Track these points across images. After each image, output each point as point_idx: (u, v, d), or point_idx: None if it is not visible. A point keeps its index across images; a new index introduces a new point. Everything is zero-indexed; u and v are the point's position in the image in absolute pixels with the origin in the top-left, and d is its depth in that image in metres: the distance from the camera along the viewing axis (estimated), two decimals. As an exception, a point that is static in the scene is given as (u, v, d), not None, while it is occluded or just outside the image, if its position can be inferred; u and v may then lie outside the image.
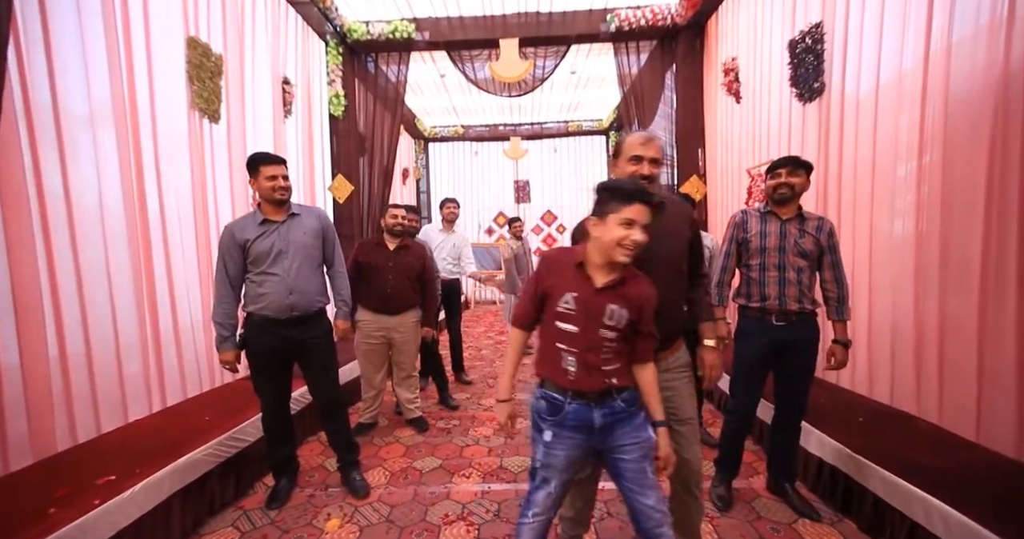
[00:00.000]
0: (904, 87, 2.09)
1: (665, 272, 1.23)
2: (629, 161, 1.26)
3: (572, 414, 1.13)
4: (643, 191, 1.09)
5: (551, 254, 1.24)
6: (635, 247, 1.07)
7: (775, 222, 1.72)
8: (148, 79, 2.28)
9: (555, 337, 1.15)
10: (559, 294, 1.14)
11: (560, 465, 1.15)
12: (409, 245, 2.46)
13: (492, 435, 2.44)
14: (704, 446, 2.19)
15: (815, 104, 2.79)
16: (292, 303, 1.75)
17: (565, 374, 1.13)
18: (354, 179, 4.66)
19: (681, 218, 1.32)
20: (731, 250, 1.83)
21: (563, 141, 7.96)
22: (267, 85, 3.44)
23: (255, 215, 1.79)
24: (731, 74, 3.80)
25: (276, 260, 1.74)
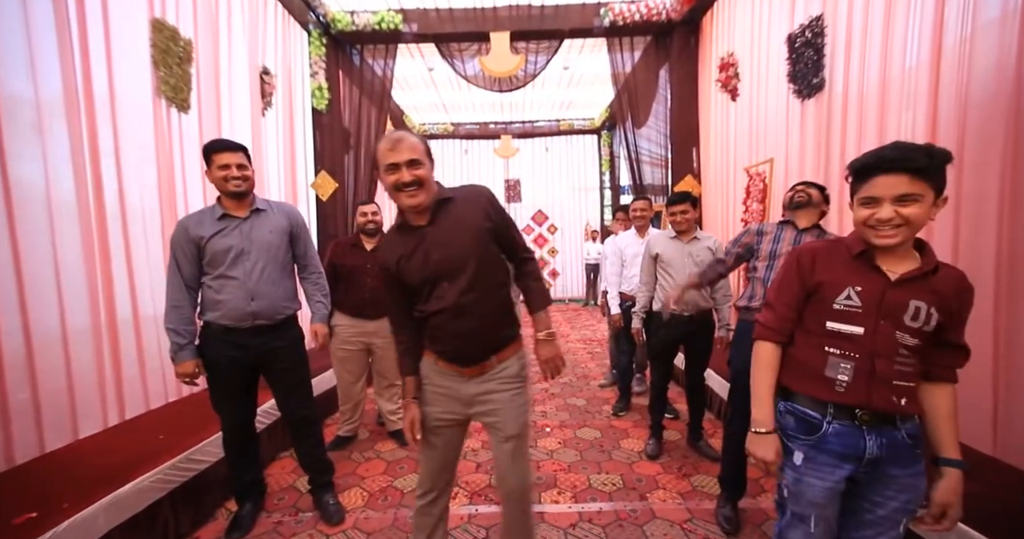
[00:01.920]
0: (913, 82, 1.99)
1: (471, 272, 1.13)
2: (387, 172, 1.11)
3: (835, 437, 0.93)
4: (886, 157, 0.89)
5: (810, 247, 1.04)
6: (884, 224, 0.89)
7: (791, 230, 1.65)
8: (106, 62, 2.10)
9: (822, 341, 0.96)
10: (834, 290, 0.95)
11: (819, 499, 0.95)
12: None
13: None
14: (707, 460, 2.11)
15: (814, 101, 2.70)
16: (255, 310, 1.56)
17: (830, 384, 0.93)
18: (339, 176, 4.48)
19: (472, 209, 1.18)
20: (732, 250, 1.76)
21: (555, 140, 7.86)
22: (244, 75, 3.25)
23: (213, 209, 1.59)
24: (728, 70, 3.70)
25: (236, 262, 1.54)
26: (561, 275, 8.07)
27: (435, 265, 1.13)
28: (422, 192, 1.11)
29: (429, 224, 1.15)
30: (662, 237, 2.23)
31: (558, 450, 2.27)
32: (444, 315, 1.14)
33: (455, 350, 1.17)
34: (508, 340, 1.22)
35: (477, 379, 1.19)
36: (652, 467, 2.08)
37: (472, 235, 1.15)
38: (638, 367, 3.18)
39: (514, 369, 1.22)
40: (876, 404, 0.92)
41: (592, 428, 2.53)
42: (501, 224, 1.21)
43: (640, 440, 2.36)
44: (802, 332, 1.01)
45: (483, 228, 1.16)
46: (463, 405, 1.21)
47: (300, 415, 1.75)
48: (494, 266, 1.19)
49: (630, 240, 2.76)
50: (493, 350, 1.19)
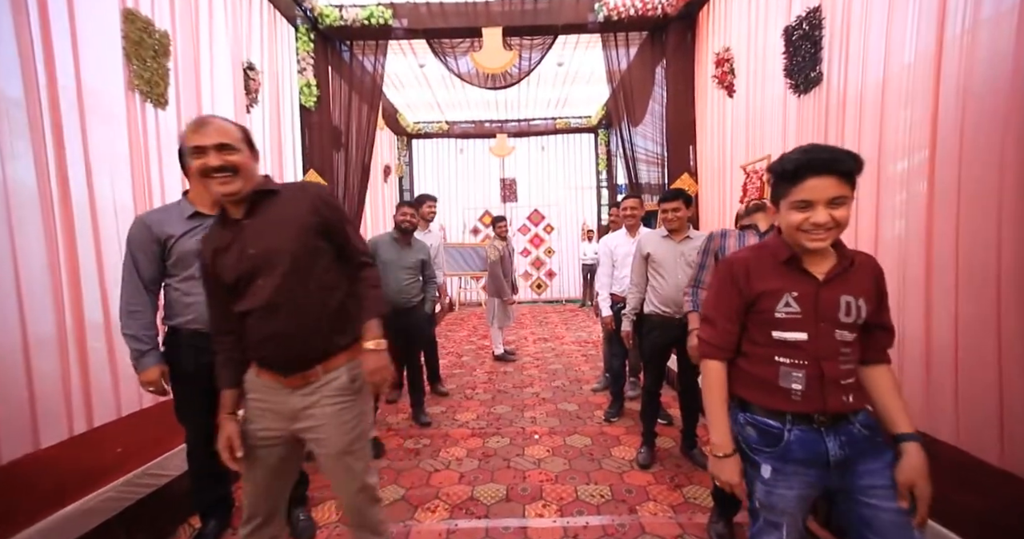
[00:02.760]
0: (914, 75, 1.91)
1: (286, 267, 1.05)
2: (192, 156, 1.02)
3: (797, 444, 0.92)
4: (819, 159, 0.87)
5: (739, 257, 1.02)
6: (819, 228, 0.87)
7: (752, 234, 1.62)
8: (72, 53, 2.01)
9: (770, 352, 0.95)
10: (773, 298, 0.94)
11: (791, 508, 0.94)
12: None
13: (465, 458, 2.20)
14: (700, 470, 2.01)
15: (812, 95, 2.63)
16: None
17: (787, 395, 0.92)
18: (328, 175, 4.39)
19: (298, 202, 1.10)
20: (706, 262, 1.71)
21: (551, 138, 7.79)
22: (226, 70, 3.16)
23: (180, 207, 1.48)
24: (724, 65, 3.63)
25: None
26: (558, 275, 7.98)
27: (251, 259, 1.05)
28: (238, 180, 1.03)
29: (247, 216, 1.07)
30: (653, 236, 2.14)
31: (546, 459, 2.18)
32: (257, 314, 1.06)
33: (271, 355, 1.08)
34: (337, 348, 1.13)
35: (302, 391, 1.10)
36: (643, 477, 1.99)
37: (293, 228, 1.07)
38: (632, 371, 3.09)
39: (342, 381, 1.12)
40: (832, 407, 0.91)
41: (583, 435, 2.44)
42: (334, 222, 1.13)
43: (632, 448, 2.27)
44: (749, 343, 0.99)
45: (307, 222, 1.08)
46: (287, 420, 1.11)
47: None
48: (318, 264, 1.10)
49: (620, 240, 2.68)
50: (318, 358, 1.10)
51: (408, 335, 2.62)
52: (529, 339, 4.99)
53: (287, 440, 1.14)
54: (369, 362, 1.11)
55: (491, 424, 2.62)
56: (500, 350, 4.08)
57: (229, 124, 1.05)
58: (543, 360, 4.08)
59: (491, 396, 3.11)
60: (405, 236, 2.61)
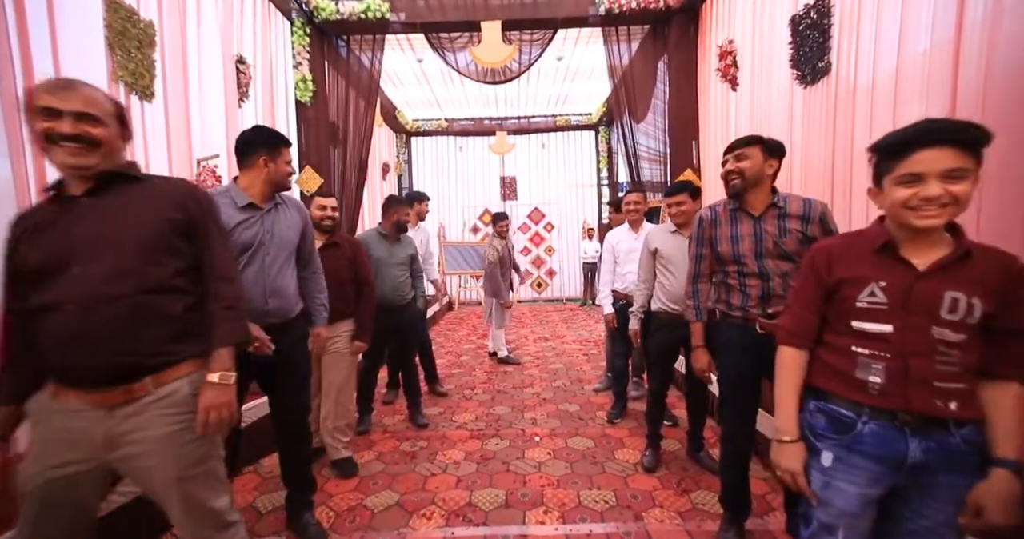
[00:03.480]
0: (930, 63, 1.82)
1: (122, 260, 0.91)
2: (40, 117, 0.89)
3: (871, 437, 0.86)
4: (931, 129, 0.79)
5: (823, 245, 0.99)
6: (930, 203, 0.79)
7: (747, 221, 1.43)
8: (51, 42, 1.92)
9: (848, 341, 0.91)
10: (856, 287, 0.89)
11: (851, 507, 0.87)
12: (339, 242, 2.07)
13: (463, 461, 2.12)
14: (708, 474, 1.93)
15: (819, 86, 2.55)
16: (271, 309, 1.45)
17: (863, 387, 0.87)
18: (325, 171, 4.32)
19: (162, 194, 1.00)
20: (701, 253, 1.55)
21: (551, 136, 7.71)
22: (216, 63, 3.08)
23: (231, 194, 1.42)
24: (727, 58, 3.54)
25: (255, 254, 1.42)
26: (558, 274, 7.90)
27: (73, 242, 0.90)
28: (94, 155, 0.92)
29: (88, 194, 0.94)
30: (661, 231, 2.06)
31: (547, 462, 2.10)
32: (64, 310, 0.88)
33: (76, 363, 0.90)
34: (177, 359, 0.98)
35: (121, 411, 0.92)
36: (649, 481, 1.91)
37: (146, 218, 0.95)
38: (635, 371, 3.01)
39: (183, 394, 0.97)
40: (917, 407, 0.82)
41: (585, 437, 2.36)
42: (201, 228, 1.02)
43: (636, 450, 2.19)
44: (829, 333, 0.95)
45: (167, 216, 0.98)
46: (97, 450, 0.92)
47: (301, 419, 1.61)
48: (166, 265, 0.97)
49: (623, 235, 2.60)
50: (147, 370, 0.94)
51: (401, 334, 2.54)
52: (529, 338, 4.91)
53: (93, 477, 0.95)
54: (206, 396, 0.98)
55: (490, 426, 2.54)
56: (504, 352, 3.92)
57: (100, 94, 0.97)
58: (544, 360, 4.00)
59: (490, 397, 3.03)
60: (396, 233, 2.53)
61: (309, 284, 1.68)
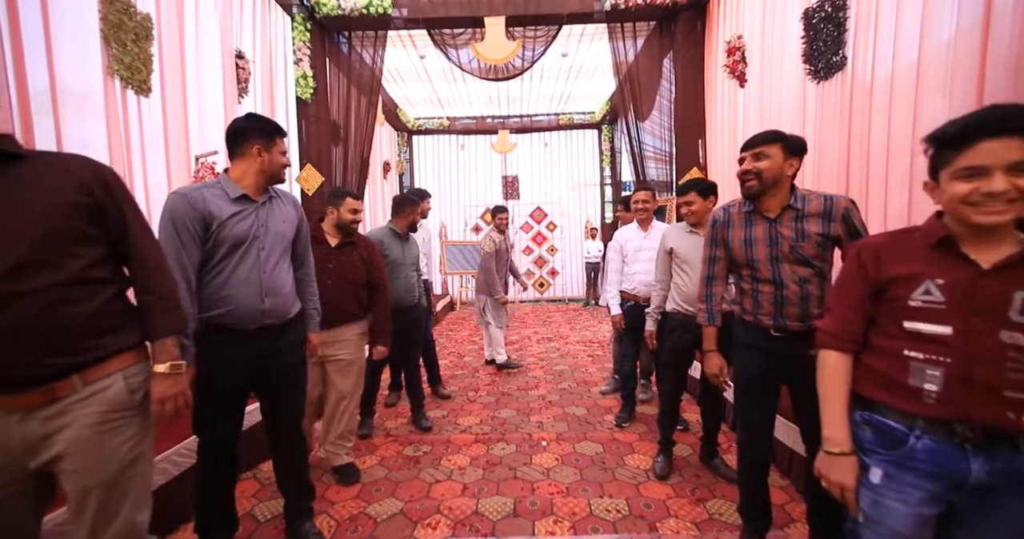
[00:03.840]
0: (955, 54, 1.75)
1: (19, 254, 0.82)
2: None
3: (925, 454, 0.79)
4: (996, 116, 0.73)
5: (869, 241, 0.93)
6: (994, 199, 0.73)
7: (761, 224, 1.34)
8: (44, 34, 1.87)
9: (899, 345, 0.83)
10: (909, 285, 0.83)
11: (904, 528, 0.81)
12: (355, 242, 1.99)
13: (468, 467, 2.05)
14: (723, 481, 1.86)
15: (833, 81, 2.48)
16: (267, 308, 1.36)
17: (917, 395, 0.80)
18: (325, 169, 4.26)
19: (59, 177, 0.88)
20: (715, 254, 1.47)
21: (554, 135, 7.66)
22: (215, 57, 3.02)
23: (223, 186, 1.34)
24: (735, 54, 3.48)
25: (249, 249, 1.33)
26: (560, 274, 7.84)
27: None
28: None
29: None
30: (677, 231, 2.00)
31: (555, 468, 2.03)
32: None
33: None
34: (106, 354, 0.91)
35: (40, 413, 0.85)
36: (662, 489, 1.84)
37: (43, 203, 0.85)
38: (643, 373, 2.94)
39: (116, 390, 0.91)
40: (979, 418, 0.74)
41: (593, 441, 2.30)
42: (113, 210, 0.93)
43: (647, 456, 2.12)
44: (877, 335, 0.88)
45: (67, 201, 0.86)
46: (18, 457, 0.85)
47: (292, 426, 1.54)
48: (77, 258, 0.88)
49: (632, 234, 2.53)
50: (74, 367, 0.87)
51: (407, 334, 2.48)
52: (533, 339, 4.84)
53: (21, 488, 0.87)
54: (160, 388, 0.95)
55: (495, 429, 2.47)
56: (502, 356, 3.59)
57: None
58: (548, 361, 3.94)
59: (495, 399, 2.97)
60: (407, 232, 2.47)
61: (302, 286, 1.59)
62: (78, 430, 0.87)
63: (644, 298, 2.39)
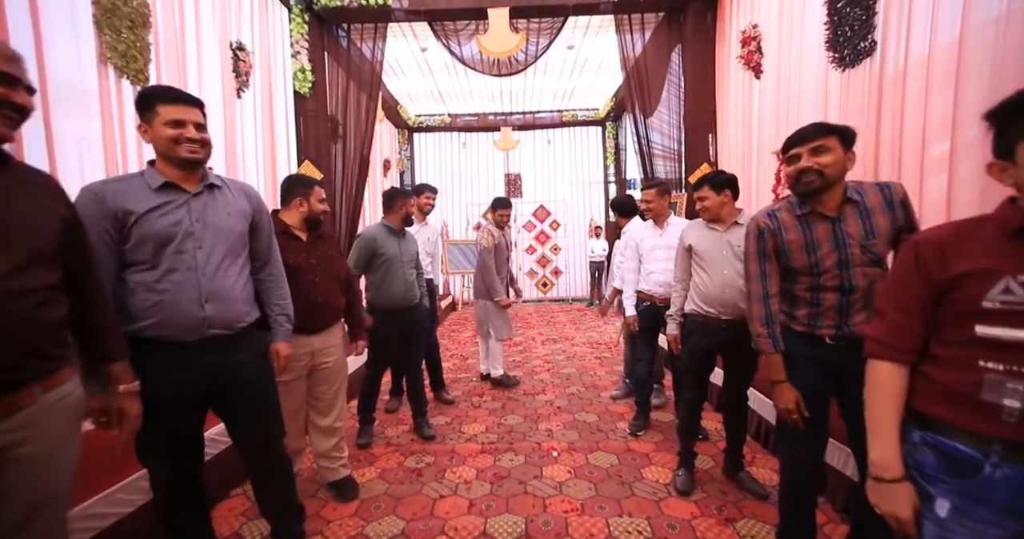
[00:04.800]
0: (1005, 32, 1.61)
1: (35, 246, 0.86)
2: None
3: (1005, 485, 0.68)
4: None
5: (929, 235, 0.80)
6: None
7: (823, 224, 1.18)
8: (31, 18, 1.75)
9: (970, 354, 0.73)
10: (982, 283, 0.71)
11: None
12: (324, 235, 1.82)
13: (474, 480, 1.92)
14: (751, 498, 1.72)
15: (861, 69, 2.35)
16: (209, 316, 1.17)
17: (994, 413, 0.69)
18: (325, 166, 4.14)
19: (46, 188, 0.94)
20: (765, 269, 1.27)
21: (557, 132, 7.53)
22: (213, 48, 2.90)
23: (146, 176, 1.18)
24: (751, 44, 3.34)
25: (182, 249, 1.15)
26: (564, 273, 7.70)
27: None
28: None
29: None
30: (696, 226, 1.86)
31: (568, 482, 1.90)
32: None
33: None
34: (61, 365, 0.91)
35: (2, 425, 0.81)
36: (685, 506, 1.70)
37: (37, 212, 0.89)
38: (655, 377, 2.80)
39: (76, 396, 0.93)
40: None
41: (607, 452, 2.16)
42: (78, 227, 0.98)
43: (665, 468, 1.98)
44: (941, 344, 0.77)
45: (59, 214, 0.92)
46: None
47: (266, 448, 1.35)
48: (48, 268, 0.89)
49: (647, 232, 2.39)
50: (34, 374, 0.85)
51: (408, 336, 2.34)
52: (537, 340, 4.71)
53: None
54: (134, 407, 1.03)
55: (502, 438, 2.34)
56: (498, 370, 3.15)
57: None
58: (554, 363, 3.80)
59: (500, 404, 2.84)
60: (402, 227, 2.33)
61: (268, 289, 1.39)
62: (38, 444, 0.85)
63: (660, 299, 2.25)
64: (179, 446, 1.23)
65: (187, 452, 1.25)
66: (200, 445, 1.30)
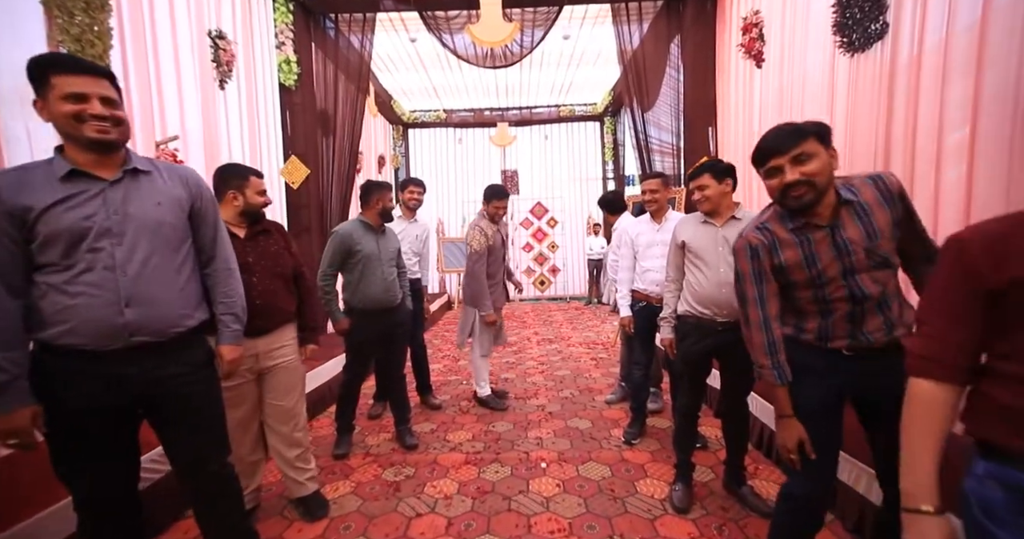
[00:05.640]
0: None
1: None
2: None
3: None
4: None
5: (979, 231, 0.69)
6: None
7: (820, 234, 1.04)
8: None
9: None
10: None
11: None
12: (269, 229, 1.66)
13: (455, 495, 1.78)
14: (755, 515, 1.56)
15: (871, 53, 2.22)
16: (131, 322, 1.03)
17: None
18: (312, 161, 4.00)
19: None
20: (764, 292, 1.11)
21: (554, 127, 7.40)
22: (188, 36, 2.76)
23: (54, 164, 1.03)
24: (752, 31, 3.20)
25: (97, 246, 1.01)
26: (562, 271, 7.57)
27: None
28: None
29: None
30: (690, 221, 1.72)
31: (556, 497, 1.76)
32: None
33: None
34: None
35: None
36: (682, 526, 1.56)
37: None
38: (652, 380, 2.66)
39: None
40: None
41: (599, 462, 2.02)
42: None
43: (662, 481, 1.85)
44: (998, 355, 0.67)
45: None
46: None
47: (209, 471, 1.20)
48: None
49: (643, 227, 2.24)
50: None
51: (389, 339, 2.20)
52: (532, 340, 4.58)
53: None
54: None
55: (489, 447, 2.20)
56: (485, 390, 2.75)
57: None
58: (549, 365, 3.67)
59: (489, 410, 2.70)
60: (381, 223, 2.18)
61: (212, 285, 1.24)
62: None
63: (657, 299, 2.11)
64: (103, 465, 1.08)
65: (113, 471, 1.10)
66: (132, 463, 1.16)
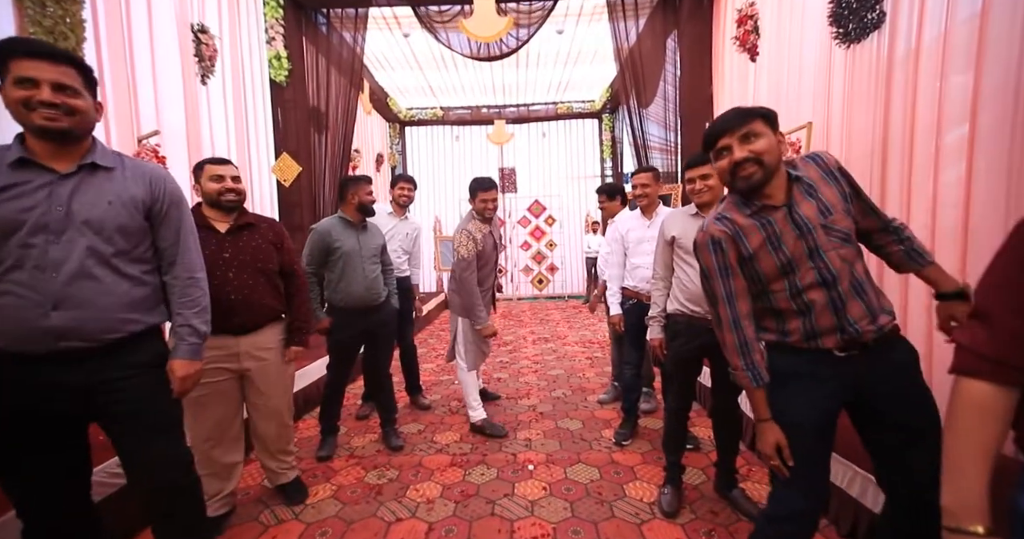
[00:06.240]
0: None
1: None
2: None
3: None
4: None
5: None
6: None
7: (778, 215, 0.99)
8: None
9: None
10: None
11: None
12: (253, 223, 1.60)
13: (437, 499, 1.73)
14: (747, 521, 1.49)
15: (867, 43, 2.17)
16: (57, 327, 0.96)
17: None
18: (305, 159, 3.96)
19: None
20: (732, 288, 1.04)
21: (552, 125, 7.34)
22: (169, 29, 2.70)
23: (12, 150, 0.97)
24: (747, 23, 3.14)
25: (30, 242, 0.94)
26: (560, 270, 7.51)
27: None
28: None
29: None
30: (680, 216, 1.67)
31: (541, 501, 1.71)
32: None
33: None
34: None
35: None
36: (670, 531, 1.51)
37: None
38: (644, 379, 2.61)
39: None
40: None
41: (588, 464, 1.97)
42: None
43: (651, 484, 1.80)
44: None
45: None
46: None
47: (160, 482, 1.11)
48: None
49: (633, 222, 2.19)
50: None
51: (373, 338, 2.16)
52: (528, 339, 4.53)
53: None
54: None
55: (476, 449, 2.15)
56: (479, 413, 2.34)
57: None
58: (542, 364, 3.61)
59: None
60: (362, 218, 2.13)
61: (170, 294, 1.15)
62: None
63: (647, 296, 2.06)
64: (43, 475, 1.02)
65: (53, 482, 1.04)
66: (79, 473, 1.10)
